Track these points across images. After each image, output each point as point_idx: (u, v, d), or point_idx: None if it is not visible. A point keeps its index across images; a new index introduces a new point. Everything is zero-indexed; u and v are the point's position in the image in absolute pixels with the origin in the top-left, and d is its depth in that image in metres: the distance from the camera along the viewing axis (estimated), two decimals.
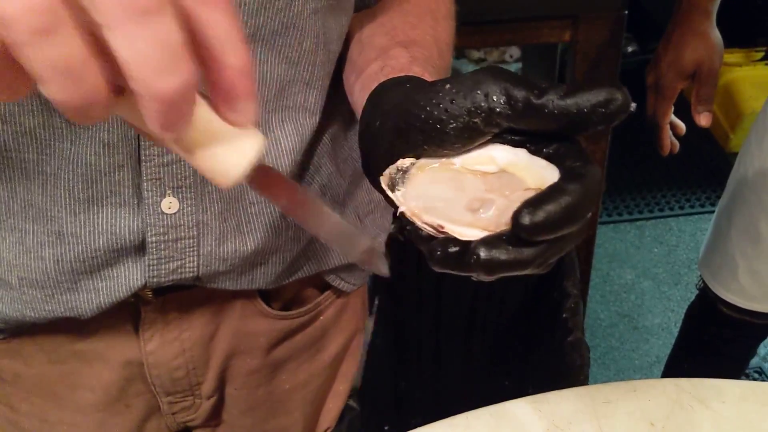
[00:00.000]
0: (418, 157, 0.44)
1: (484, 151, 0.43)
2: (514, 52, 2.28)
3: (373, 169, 0.45)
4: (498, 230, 0.39)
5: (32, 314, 0.62)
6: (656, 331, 1.95)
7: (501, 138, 0.43)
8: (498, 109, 0.40)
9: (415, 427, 0.68)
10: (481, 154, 0.43)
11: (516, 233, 0.37)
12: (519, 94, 0.39)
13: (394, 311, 1.13)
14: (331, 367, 0.80)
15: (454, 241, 0.39)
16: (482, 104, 0.40)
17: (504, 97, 0.40)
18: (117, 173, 0.56)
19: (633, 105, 0.39)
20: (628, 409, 0.68)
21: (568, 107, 0.38)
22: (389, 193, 0.43)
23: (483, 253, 0.38)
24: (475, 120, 0.41)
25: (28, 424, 0.73)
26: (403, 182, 0.44)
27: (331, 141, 0.67)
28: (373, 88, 0.50)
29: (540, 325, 1.09)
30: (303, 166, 0.65)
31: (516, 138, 0.42)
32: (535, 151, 0.42)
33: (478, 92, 0.40)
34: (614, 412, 0.68)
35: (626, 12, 1.23)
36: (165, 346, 0.69)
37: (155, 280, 0.61)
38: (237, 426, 0.78)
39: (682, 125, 1.18)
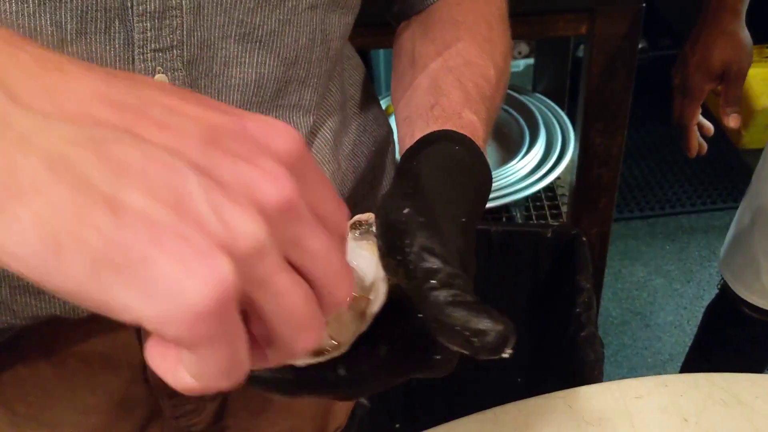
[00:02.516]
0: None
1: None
2: (523, 48, 2.27)
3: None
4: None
5: (29, 312, 0.60)
6: (669, 329, 1.94)
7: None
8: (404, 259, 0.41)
9: (425, 424, 0.67)
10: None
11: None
12: (425, 265, 0.40)
13: None
14: None
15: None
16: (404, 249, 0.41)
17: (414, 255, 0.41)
18: None
19: (508, 353, 0.38)
20: (661, 404, 0.67)
21: (442, 315, 0.38)
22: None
23: None
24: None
25: (27, 426, 0.71)
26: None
27: (333, 138, 0.66)
28: (418, 125, 0.52)
29: (553, 321, 1.08)
30: None
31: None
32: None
33: (406, 240, 0.41)
34: (646, 408, 0.66)
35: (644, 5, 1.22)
36: None
37: None
38: (243, 430, 0.77)
39: (709, 126, 1.16)
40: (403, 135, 0.55)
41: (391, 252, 0.42)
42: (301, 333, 0.31)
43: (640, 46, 2.42)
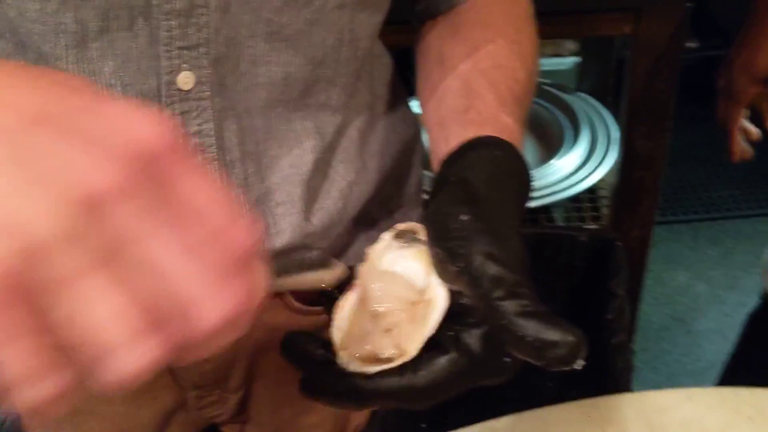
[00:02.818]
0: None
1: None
2: (571, 46, 2.23)
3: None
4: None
5: None
6: (710, 336, 1.90)
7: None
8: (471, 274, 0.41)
9: (453, 425, 0.66)
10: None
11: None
12: (490, 272, 0.40)
13: None
14: None
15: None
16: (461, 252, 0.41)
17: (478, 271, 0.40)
18: None
19: (580, 364, 0.38)
20: (684, 418, 0.65)
21: (514, 325, 0.38)
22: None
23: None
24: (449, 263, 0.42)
25: None
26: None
27: (359, 137, 0.66)
28: (453, 130, 0.51)
29: (584, 327, 1.06)
30: (328, 163, 0.64)
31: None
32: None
33: (467, 247, 0.41)
34: (669, 421, 0.65)
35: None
36: None
37: None
38: (266, 423, 0.77)
39: (755, 131, 1.12)
40: (437, 139, 0.54)
41: (452, 259, 0.42)
42: (101, 361, 0.25)
43: (690, 45, 2.38)
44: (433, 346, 0.42)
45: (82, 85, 0.29)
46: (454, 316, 0.43)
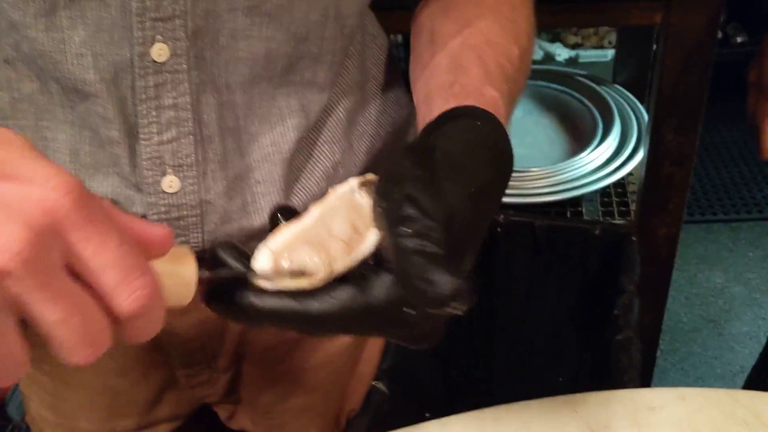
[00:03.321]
0: None
1: None
2: (613, 38, 2.19)
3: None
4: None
5: None
6: (743, 340, 1.84)
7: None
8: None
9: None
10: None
11: None
12: (404, 212, 0.40)
13: None
14: (353, 348, 0.77)
15: None
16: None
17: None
18: (115, 147, 0.55)
19: (460, 310, 0.38)
20: (674, 418, 0.63)
21: (405, 261, 0.38)
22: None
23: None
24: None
25: (50, 384, 0.73)
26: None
27: (346, 117, 0.64)
28: (436, 104, 0.50)
29: (595, 321, 1.04)
30: (312, 143, 0.63)
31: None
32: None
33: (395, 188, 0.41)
34: (657, 420, 0.63)
35: None
36: (179, 316, 0.68)
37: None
38: (256, 404, 0.77)
39: None
40: (423, 115, 0.53)
41: (380, 199, 0.42)
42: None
43: (739, 39, 2.31)
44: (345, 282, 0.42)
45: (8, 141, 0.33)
46: (381, 262, 0.42)
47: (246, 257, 0.42)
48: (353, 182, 0.46)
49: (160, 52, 0.51)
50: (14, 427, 1.41)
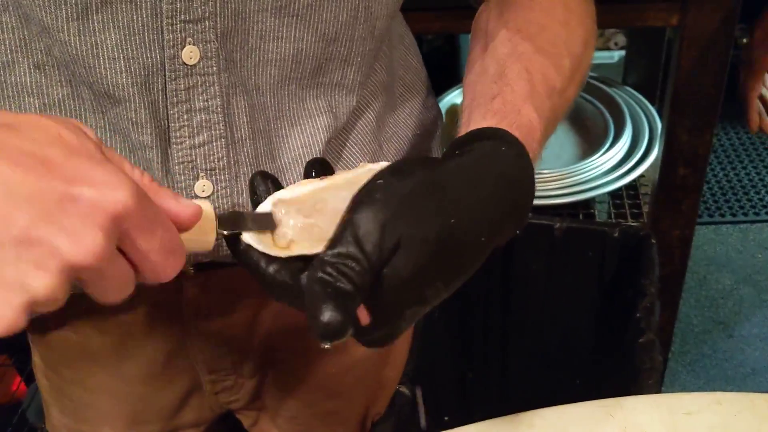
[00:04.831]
0: None
1: None
2: (620, 39, 2.18)
3: None
4: None
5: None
6: (753, 341, 1.84)
7: None
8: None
9: (478, 419, 0.65)
10: None
11: None
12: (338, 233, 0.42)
13: (457, 299, 1.09)
14: (380, 352, 0.76)
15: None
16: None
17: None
18: (146, 152, 0.54)
19: (327, 346, 0.40)
20: (711, 422, 0.62)
21: (307, 286, 0.41)
22: None
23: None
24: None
25: (72, 390, 0.73)
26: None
27: (375, 118, 0.64)
28: (475, 117, 0.50)
29: (615, 324, 1.04)
30: (342, 144, 0.62)
31: None
32: None
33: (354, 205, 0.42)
34: (694, 425, 0.62)
35: None
36: (207, 322, 0.67)
37: (191, 256, 0.59)
38: (281, 410, 0.76)
39: None
40: (462, 122, 0.52)
41: (347, 208, 0.42)
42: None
43: (745, 41, 2.30)
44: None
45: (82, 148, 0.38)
46: None
47: (277, 188, 0.48)
48: (385, 164, 0.46)
49: (190, 54, 0.51)
50: None
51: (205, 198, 0.56)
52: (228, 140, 0.55)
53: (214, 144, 0.54)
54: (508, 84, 0.52)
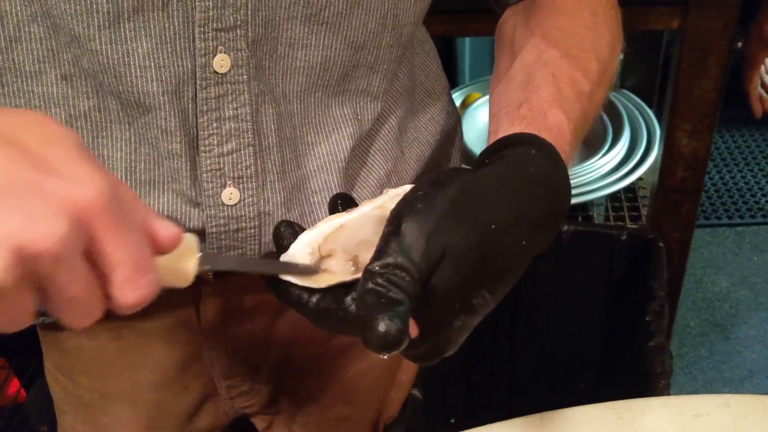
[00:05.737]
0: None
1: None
2: None
3: None
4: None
5: None
6: (750, 344, 1.85)
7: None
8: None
9: (482, 422, 0.64)
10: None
11: None
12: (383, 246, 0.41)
13: None
14: (393, 356, 0.76)
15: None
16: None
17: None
18: (175, 160, 0.54)
19: (384, 356, 0.39)
20: (721, 425, 0.62)
21: (359, 296, 0.40)
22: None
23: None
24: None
25: (87, 397, 0.72)
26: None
27: (398, 124, 0.64)
28: (503, 125, 0.49)
29: (623, 327, 1.04)
30: (366, 151, 0.62)
31: None
32: None
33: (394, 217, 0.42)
34: (704, 428, 0.62)
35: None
36: (224, 328, 0.67)
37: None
38: (296, 415, 0.76)
39: None
40: (490, 130, 0.52)
41: (387, 222, 0.42)
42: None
43: (739, 45, 2.32)
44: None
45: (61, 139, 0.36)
46: None
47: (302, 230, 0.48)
48: (408, 187, 0.45)
49: (221, 62, 0.51)
50: None
51: (232, 205, 0.56)
52: (256, 148, 0.55)
53: (243, 152, 0.54)
54: (535, 90, 0.52)
